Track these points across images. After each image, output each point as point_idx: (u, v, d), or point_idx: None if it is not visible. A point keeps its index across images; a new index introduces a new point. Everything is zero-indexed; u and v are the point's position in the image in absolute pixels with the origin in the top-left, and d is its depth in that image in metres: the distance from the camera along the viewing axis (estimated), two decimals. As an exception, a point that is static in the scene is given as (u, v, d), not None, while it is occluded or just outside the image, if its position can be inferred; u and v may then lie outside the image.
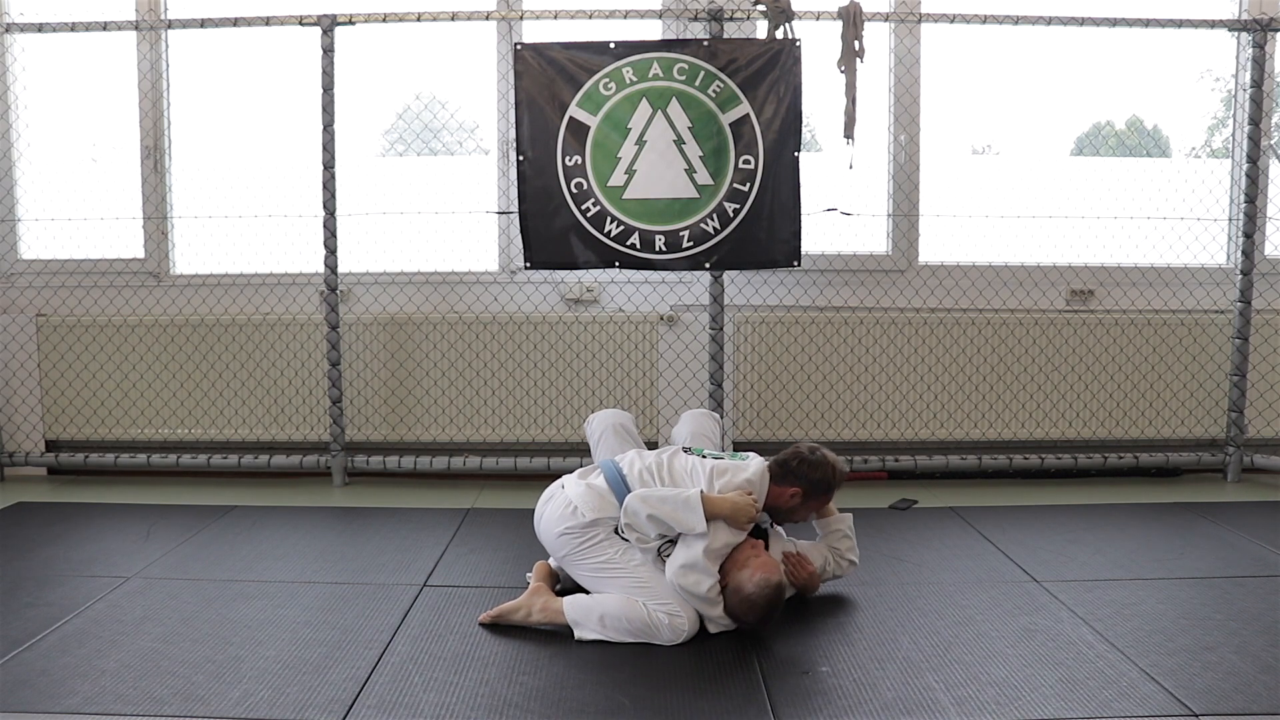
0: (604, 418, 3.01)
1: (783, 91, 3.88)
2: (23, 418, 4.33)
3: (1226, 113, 4.49)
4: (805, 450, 2.70)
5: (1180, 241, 4.30)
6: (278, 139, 4.44)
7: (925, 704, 2.16)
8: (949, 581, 2.94)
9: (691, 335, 4.31)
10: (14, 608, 2.71)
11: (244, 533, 3.44)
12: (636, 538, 2.54)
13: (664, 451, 2.75)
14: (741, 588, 2.47)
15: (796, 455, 2.69)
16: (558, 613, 2.55)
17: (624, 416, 3.02)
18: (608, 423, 2.98)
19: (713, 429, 3.07)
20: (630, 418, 3.03)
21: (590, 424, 3.03)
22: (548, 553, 2.76)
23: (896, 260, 4.38)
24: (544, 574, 2.75)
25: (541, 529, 2.70)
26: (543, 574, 2.75)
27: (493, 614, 2.61)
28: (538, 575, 2.75)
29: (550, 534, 2.65)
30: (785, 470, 2.68)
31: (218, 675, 2.29)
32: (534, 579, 2.73)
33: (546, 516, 2.68)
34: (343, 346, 4.18)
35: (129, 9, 4.27)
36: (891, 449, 4.27)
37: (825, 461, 2.69)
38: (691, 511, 2.47)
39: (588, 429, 3.03)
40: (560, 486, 2.72)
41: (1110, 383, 4.29)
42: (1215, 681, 2.25)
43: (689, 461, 2.68)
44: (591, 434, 3.00)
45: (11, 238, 4.38)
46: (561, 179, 3.92)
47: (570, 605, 2.55)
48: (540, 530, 2.71)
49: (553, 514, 2.65)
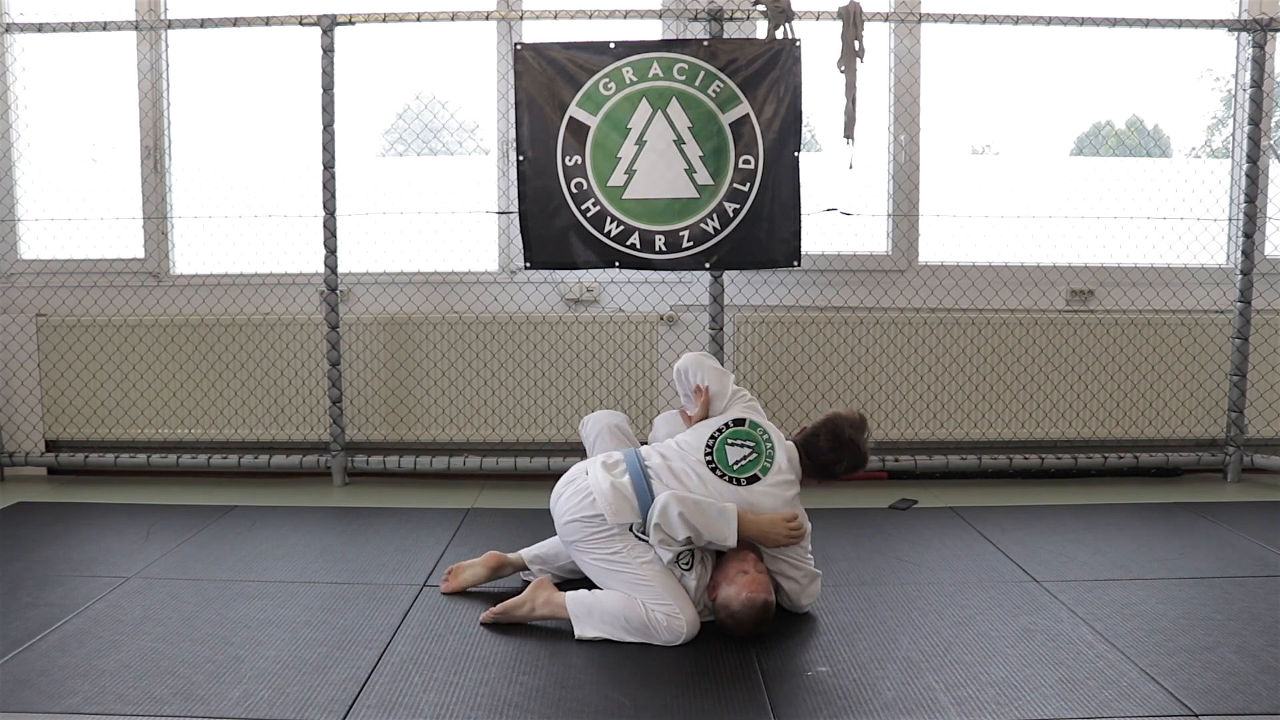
0: (599, 419, 2.97)
1: (783, 91, 3.88)
2: (23, 418, 4.33)
3: (1226, 113, 4.49)
4: (833, 433, 2.69)
5: (1180, 241, 4.30)
6: (278, 139, 4.44)
7: (925, 704, 2.16)
8: (949, 581, 2.94)
9: (691, 335, 4.31)
10: (14, 608, 2.71)
11: (244, 533, 3.44)
12: (660, 539, 2.48)
13: (689, 455, 2.65)
14: (729, 604, 2.47)
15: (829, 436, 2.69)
16: (560, 606, 2.55)
17: (619, 417, 2.98)
18: (603, 424, 2.95)
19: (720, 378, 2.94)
20: (625, 418, 3.00)
21: (585, 426, 2.99)
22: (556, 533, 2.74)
23: (896, 260, 4.38)
24: (496, 562, 2.85)
25: (557, 510, 2.67)
26: (493, 562, 2.85)
27: (495, 612, 2.60)
28: (490, 560, 2.85)
29: (563, 519, 2.63)
30: (813, 455, 2.70)
31: (218, 675, 2.29)
32: (534, 581, 2.72)
33: (564, 500, 2.64)
34: (343, 346, 4.18)
35: (129, 9, 4.27)
36: (891, 449, 4.27)
37: (852, 444, 2.69)
38: (727, 524, 2.46)
39: (582, 430, 3.00)
40: (584, 472, 2.66)
41: (1110, 383, 4.29)
42: (1215, 681, 2.25)
43: (718, 485, 2.59)
44: (586, 436, 2.97)
45: (11, 238, 4.38)
46: (561, 179, 3.92)
47: (572, 600, 2.54)
48: (555, 511, 2.68)
49: (570, 500, 2.62)
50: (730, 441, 2.65)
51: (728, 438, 2.66)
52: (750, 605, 2.45)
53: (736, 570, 2.52)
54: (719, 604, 2.50)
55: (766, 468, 2.61)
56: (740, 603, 2.45)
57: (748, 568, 2.52)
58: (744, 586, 2.47)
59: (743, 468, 2.61)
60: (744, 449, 2.64)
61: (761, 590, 2.48)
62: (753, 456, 2.63)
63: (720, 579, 2.53)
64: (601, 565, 2.57)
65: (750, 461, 2.62)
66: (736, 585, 2.47)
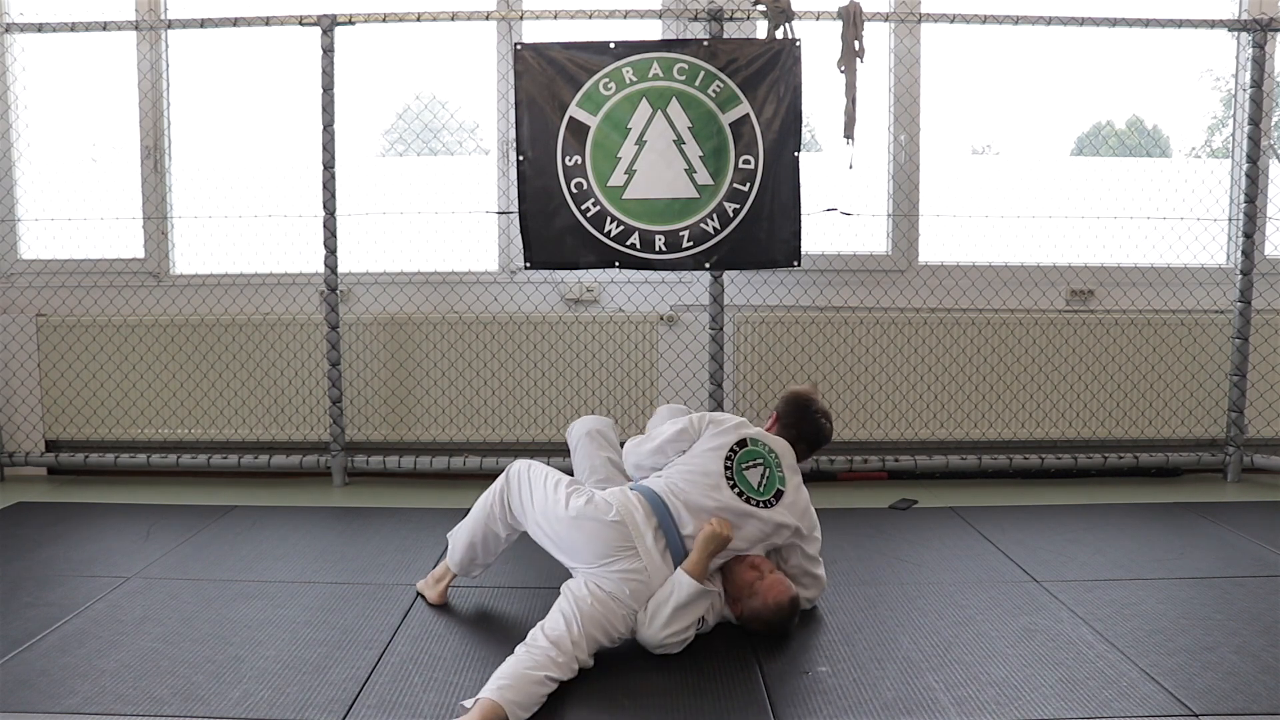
0: (582, 424, 3.03)
1: (783, 91, 3.88)
2: (23, 418, 4.33)
3: (1226, 113, 4.49)
4: (804, 406, 2.79)
5: (1180, 241, 4.30)
6: (278, 139, 4.44)
7: (925, 704, 2.16)
8: (949, 581, 2.94)
9: (691, 335, 4.31)
10: (14, 608, 2.71)
11: (244, 533, 3.44)
12: (683, 637, 2.42)
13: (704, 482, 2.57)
14: (759, 615, 2.48)
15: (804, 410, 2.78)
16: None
17: (602, 422, 3.03)
18: (585, 429, 3.00)
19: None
20: (610, 423, 3.04)
21: (570, 432, 3.05)
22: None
23: (896, 260, 4.38)
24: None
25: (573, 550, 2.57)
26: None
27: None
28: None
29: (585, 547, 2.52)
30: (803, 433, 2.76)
31: (218, 675, 2.29)
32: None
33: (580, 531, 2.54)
34: (343, 346, 4.18)
35: (129, 9, 4.27)
36: (891, 449, 4.27)
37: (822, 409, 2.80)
38: (694, 596, 2.39)
39: (569, 436, 3.06)
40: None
41: (1110, 383, 4.29)
42: (1215, 681, 2.25)
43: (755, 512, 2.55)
44: (571, 441, 3.03)
45: (11, 238, 4.38)
46: (561, 179, 3.92)
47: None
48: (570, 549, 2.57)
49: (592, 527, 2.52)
50: (745, 465, 2.59)
51: (741, 462, 2.59)
52: (780, 610, 2.46)
53: (748, 580, 2.51)
54: (747, 618, 2.51)
55: (783, 478, 2.61)
56: (771, 610, 2.46)
57: (759, 572, 2.52)
58: (765, 594, 2.47)
59: (765, 488, 2.58)
60: (758, 469, 2.60)
61: (782, 590, 2.48)
62: (767, 473, 2.60)
63: (736, 593, 2.52)
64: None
65: (769, 479, 2.59)
66: (759, 596, 2.47)
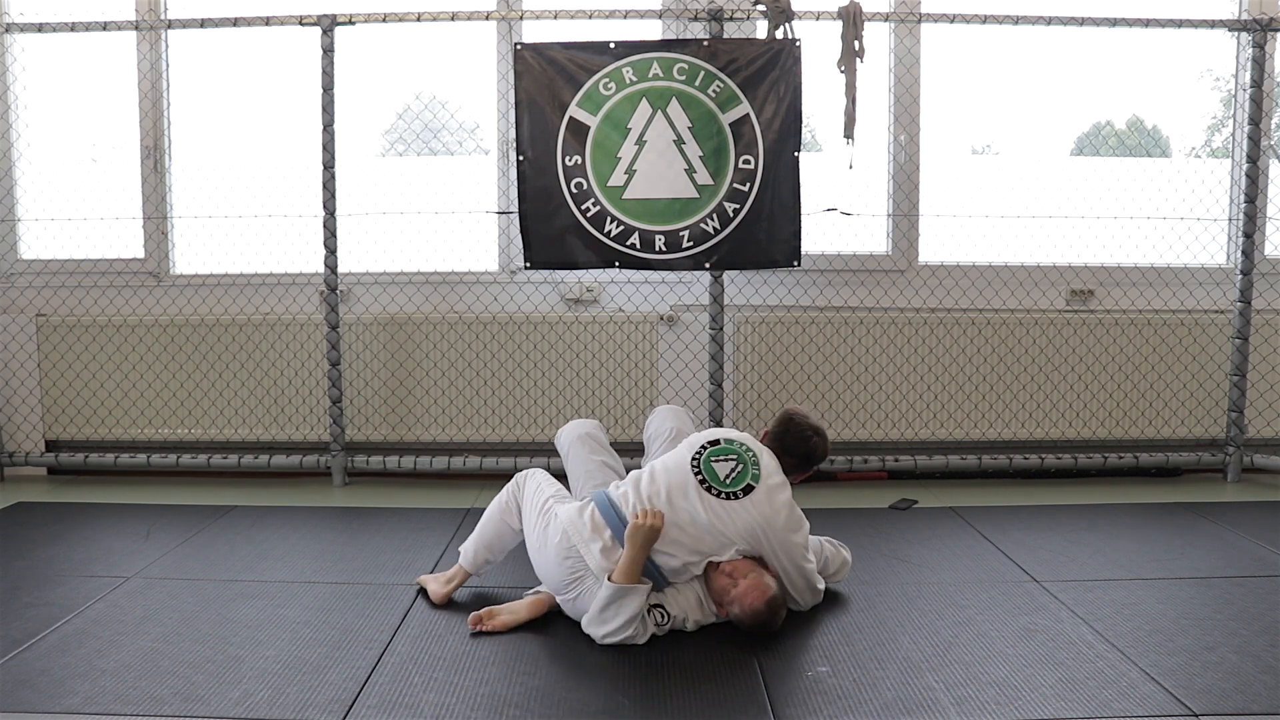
0: (570, 430, 3.04)
1: (783, 91, 3.88)
2: (23, 418, 4.33)
3: (1226, 113, 4.49)
4: (799, 423, 2.75)
5: (1180, 241, 4.30)
6: (278, 139, 4.44)
7: (925, 704, 2.16)
8: (949, 581, 2.94)
9: (691, 335, 4.31)
10: (14, 608, 2.71)
11: (244, 533, 3.44)
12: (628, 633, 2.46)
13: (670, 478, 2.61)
14: (742, 621, 2.49)
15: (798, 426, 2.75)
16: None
17: (592, 425, 3.04)
18: (574, 434, 3.00)
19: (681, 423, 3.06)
20: (598, 426, 3.06)
21: (559, 438, 3.06)
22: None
23: (896, 260, 4.38)
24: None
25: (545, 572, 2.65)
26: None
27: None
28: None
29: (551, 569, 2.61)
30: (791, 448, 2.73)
31: (218, 675, 2.29)
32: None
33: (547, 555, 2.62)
34: (343, 346, 4.18)
35: (129, 9, 4.27)
36: (891, 449, 4.27)
37: (818, 428, 2.77)
38: (628, 595, 2.43)
39: (557, 442, 3.06)
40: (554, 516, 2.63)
41: (1110, 383, 4.29)
42: (1215, 681, 2.25)
43: (715, 504, 2.56)
44: (561, 445, 3.03)
45: (11, 238, 4.38)
46: (561, 179, 3.92)
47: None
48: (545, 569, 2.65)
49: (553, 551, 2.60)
50: (714, 459, 2.61)
51: (710, 456, 2.62)
52: (756, 615, 2.46)
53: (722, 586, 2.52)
54: (735, 621, 2.52)
55: (757, 475, 2.59)
56: (748, 616, 2.47)
57: (733, 580, 2.51)
58: (740, 599, 2.47)
59: (735, 480, 2.57)
60: (729, 463, 2.60)
61: (756, 595, 2.47)
62: (740, 468, 2.59)
63: (718, 597, 2.54)
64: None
65: (740, 474, 2.58)
66: (736, 603, 2.48)
